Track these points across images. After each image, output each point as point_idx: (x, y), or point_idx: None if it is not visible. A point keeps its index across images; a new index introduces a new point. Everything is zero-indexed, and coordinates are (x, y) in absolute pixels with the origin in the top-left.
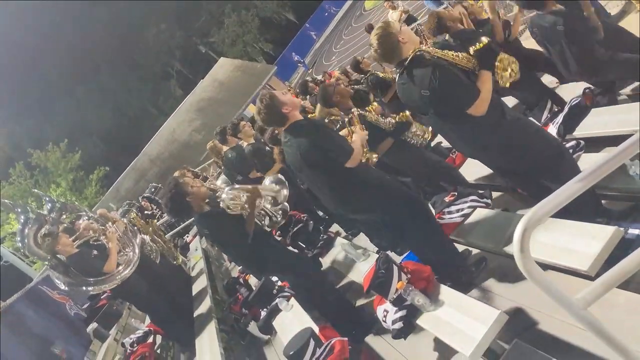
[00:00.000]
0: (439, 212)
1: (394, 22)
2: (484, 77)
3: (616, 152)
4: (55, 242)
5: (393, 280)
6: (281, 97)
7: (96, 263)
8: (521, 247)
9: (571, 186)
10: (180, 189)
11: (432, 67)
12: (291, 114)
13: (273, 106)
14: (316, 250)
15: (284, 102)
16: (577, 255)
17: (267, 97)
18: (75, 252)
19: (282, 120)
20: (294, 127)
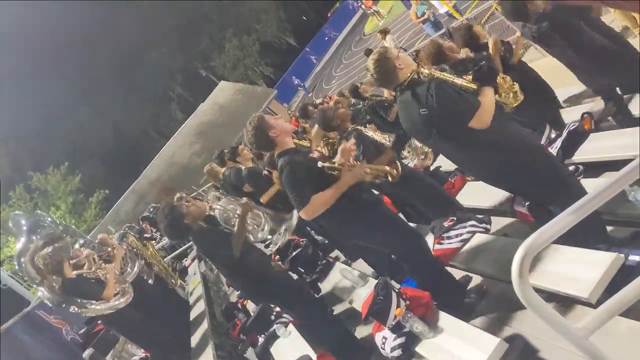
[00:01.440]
0: (438, 237)
1: (392, 48)
2: (486, 91)
3: (616, 178)
4: (61, 265)
5: (391, 306)
6: (270, 120)
7: (96, 287)
8: (520, 274)
9: (571, 213)
10: (176, 212)
11: (428, 83)
12: (279, 138)
13: (260, 129)
14: (315, 275)
15: (272, 126)
16: (578, 282)
17: (255, 120)
18: (73, 278)
19: (269, 144)
20: (280, 155)
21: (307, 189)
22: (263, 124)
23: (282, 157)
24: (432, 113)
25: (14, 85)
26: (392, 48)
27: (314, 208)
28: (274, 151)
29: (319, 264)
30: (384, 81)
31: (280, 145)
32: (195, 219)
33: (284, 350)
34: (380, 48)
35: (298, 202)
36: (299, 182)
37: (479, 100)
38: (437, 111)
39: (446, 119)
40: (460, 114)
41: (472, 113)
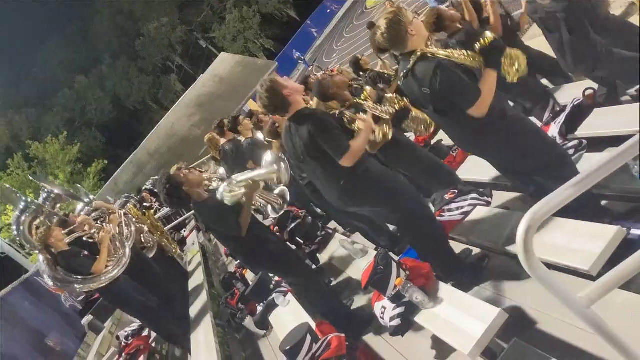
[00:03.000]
0: (439, 209)
1: (407, 11)
2: (488, 76)
3: (617, 153)
4: (48, 234)
5: (392, 276)
6: (281, 81)
7: (85, 262)
8: (524, 246)
9: (573, 185)
10: (174, 181)
11: (434, 65)
12: (293, 97)
13: (274, 90)
14: (314, 247)
15: (285, 86)
16: (579, 254)
17: (267, 82)
18: (65, 250)
19: (284, 104)
20: (297, 116)
21: (343, 137)
22: (276, 85)
23: (308, 114)
24: (434, 94)
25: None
26: (408, 12)
27: (354, 154)
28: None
29: (318, 235)
30: (392, 43)
31: (294, 104)
32: (193, 186)
33: (282, 319)
34: (396, 8)
35: (341, 150)
36: (335, 131)
37: (479, 89)
38: (438, 94)
39: (446, 103)
40: (461, 102)
41: (473, 102)
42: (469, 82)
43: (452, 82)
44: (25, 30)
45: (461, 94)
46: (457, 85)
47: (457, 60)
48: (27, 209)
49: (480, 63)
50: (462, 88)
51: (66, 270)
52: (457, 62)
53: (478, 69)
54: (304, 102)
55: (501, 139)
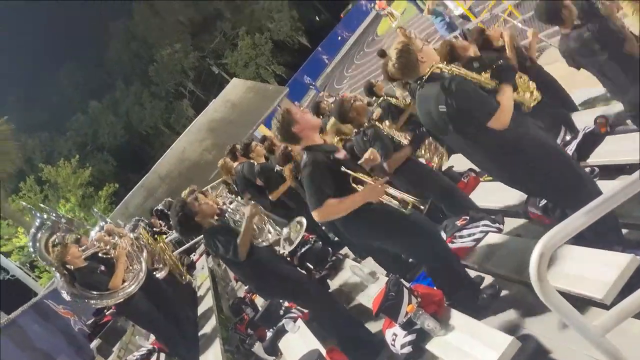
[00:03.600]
0: (450, 235)
1: (416, 39)
2: (504, 90)
3: (631, 181)
4: (65, 251)
5: (403, 303)
6: (295, 115)
7: (102, 278)
8: (538, 273)
9: (585, 213)
10: (188, 210)
11: (449, 80)
12: (304, 133)
13: (285, 122)
14: (324, 272)
15: (297, 121)
16: (592, 283)
17: (282, 113)
18: (82, 266)
19: (293, 138)
20: (306, 152)
21: (325, 191)
22: (288, 118)
23: (307, 154)
24: (451, 110)
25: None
26: (417, 39)
27: (327, 212)
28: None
29: (328, 260)
30: (405, 73)
31: (306, 139)
32: (206, 216)
33: (292, 345)
34: (405, 38)
35: (313, 202)
36: (317, 183)
37: (498, 100)
38: (456, 109)
39: (465, 117)
40: (479, 114)
41: (492, 114)
42: (486, 95)
43: (469, 95)
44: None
45: (479, 106)
46: (474, 97)
47: (471, 77)
48: (43, 225)
49: (494, 85)
50: (480, 100)
51: (83, 287)
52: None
53: (492, 88)
54: (315, 137)
55: (523, 156)
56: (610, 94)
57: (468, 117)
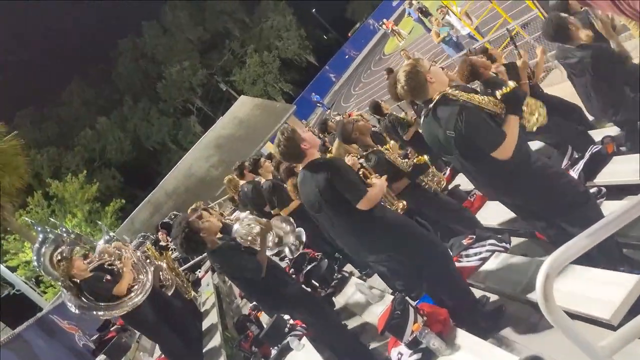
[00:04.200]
0: (457, 254)
1: (424, 60)
2: (511, 121)
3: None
4: (70, 265)
5: (409, 321)
6: (302, 132)
7: (108, 286)
8: (545, 293)
9: (591, 233)
10: (193, 227)
11: (459, 108)
12: (309, 151)
13: (293, 140)
14: (330, 290)
15: (304, 139)
16: (599, 303)
17: (288, 131)
18: (88, 277)
19: (299, 155)
20: (312, 164)
21: (361, 182)
22: (296, 136)
23: (324, 163)
24: (458, 137)
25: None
26: (425, 60)
27: (371, 199)
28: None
29: (334, 278)
30: (414, 94)
31: (309, 157)
32: (210, 234)
33: None
34: (413, 59)
35: (358, 194)
36: (354, 179)
37: (504, 132)
38: (463, 137)
39: (470, 145)
40: (485, 145)
41: (497, 145)
42: (493, 125)
43: (476, 125)
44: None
45: (486, 137)
46: (482, 128)
47: (479, 104)
48: (46, 240)
49: (501, 109)
50: (487, 131)
51: (90, 296)
52: (479, 106)
53: (499, 115)
54: (319, 154)
55: (525, 181)
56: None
57: (473, 145)
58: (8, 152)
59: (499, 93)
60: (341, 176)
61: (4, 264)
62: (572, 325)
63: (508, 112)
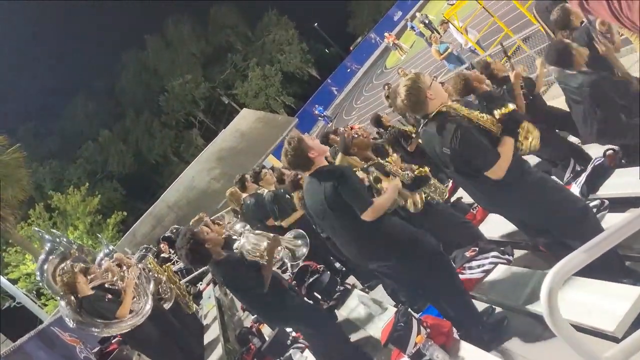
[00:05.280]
0: (460, 266)
1: (425, 76)
2: (506, 142)
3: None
4: (74, 278)
5: (412, 333)
6: (309, 141)
7: (109, 306)
8: (549, 305)
9: (594, 245)
10: (198, 238)
11: (455, 125)
12: (317, 159)
13: (300, 149)
14: (332, 302)
15: (311, 147)
16: (604, 315)
17: (295, 140)
18: (89, 294)
19: (307, 164)
20: (320, 172)
21: (367, 192)
22: (303, 144)
23: (332, 171)
24: (453, 155)
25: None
26: (426, 76)
27: (377, 210)
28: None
29: (336, 290)
30: (413, 108)
31: (317, 164)
32: (215, 245)
33: None
34: (414, 74)
35: (363, 204)
36: (359, 188)
37: (499, 152)
38: (458, 155)
39: (466, 163)
40: (479, 163)
41: (491, 165)
42: (487, 146)
43: (471, 145)
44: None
45: (479, 157)
46: (476, 147)
47: (478, 121)
48: (55, 250)
49: (498, 128)
50: (481, 151)
51: (91, 315)
52: (476, 124)
53: (495, 134)
54: (325, 162)
55: (522, 197)
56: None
57: (469, 164)
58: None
59: (497, 113)
60: (348, 185)
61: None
62: (577, 337)
63: (504, 134)
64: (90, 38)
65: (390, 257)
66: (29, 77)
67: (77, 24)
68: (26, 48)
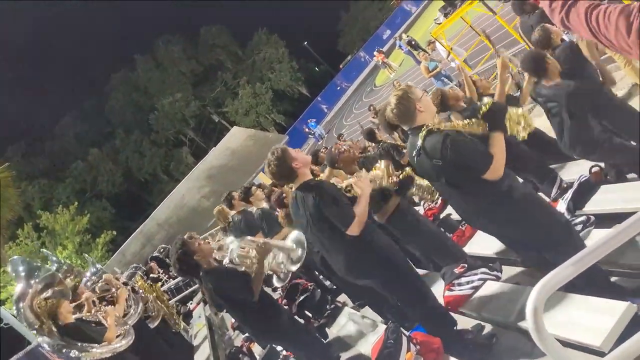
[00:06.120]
0: (449, 283)
1: (417, 88)
2: (496, 139)
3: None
4: (58, 305)
5: (402, 351)
6: (292, 152)
7: (93, 331)
8: (535, 322)
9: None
10: (188, 248)
11: (443, 137)
12: (301, 170)
13: (283, 159)
14: (323, 320)
15: (294, 157)
16: (590, 330)
17: (278, 150)
18: (72, 321)
19: (291, 175)
20: (304, 186)
21: (350, 207)
22: (286, 155)
23: (314, 186)
24: (446, 165)
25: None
26: (417, 89)
27: (361, 221)
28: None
29: (327, 308)
30: (402, 119)
31: (301, 177)
32: (205, 255)
33: None
34: (405, 85)
35: (346, 220)
36: (341, 201)
37: (491, 153)
38: (451, 163)
39: (460, 171)
40: (475, 167)
41: (487, 166)
42: (479, 148)
43: (463, 150)
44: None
45: (474, 161)
46: (469, 152)
47: (463, 129)
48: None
49: (484, 128)
50: (474, 155)
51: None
52: (463, 131)
53: (484, 135)
54: (311, 175)
55: (510, 213)
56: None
57: (464, 171)
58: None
59: (479, 112)
60: (329, 202)
61: None
62: (564, 353)
63: (491, 130)
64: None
65: (377, 274)
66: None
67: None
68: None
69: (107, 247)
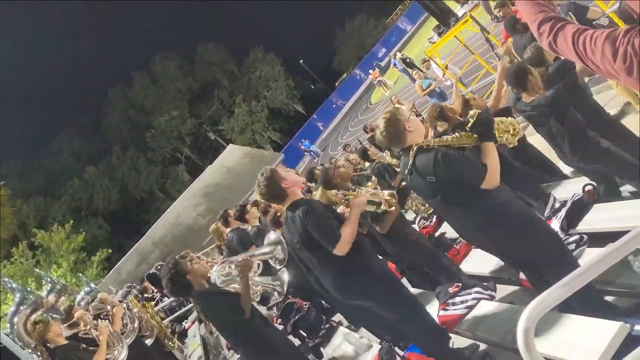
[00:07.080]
0: (443, 302)
1: (404, 109)
2: (488, 149)
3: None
4: (47, 329)
5: None
6: (282, 172)
7: (85, 355)
8: (526, 343)
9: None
10: (180, 268)
11: (434, 153)
12: (291, 190)
13: (272, 179)
14: (318, 340)
15: (284, 177)
16: (583, 350)
17: (267, 171)
18: (64, 344)
19: (280, 195)
20: (293, 205)
21: (336, 226)
22: (275, 175)
23: (302, 205)
24: (440, 181)
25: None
26: (405, 110)
27: (347, 241)
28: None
29: (322, 328)
30: (391, 141)
31: (291, 196)
32: (197, 277)
33: None
34: (393, 108)
35: (331, 239)
36: (327, 224)
37: (484, 163)
38: (445, 179)
39: (454, 186)
40: (470, 179)
41: (482, 177)
42: (472, 160)
43: (456, 165)
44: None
45: (468, 173)
46: (462, 166)
47: (452, 144)
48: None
49: (474, 140)
50: (468, 167)
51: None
52: (453, 146)
53: (474, 147)
54: (299, 192)
55: (507, 226)
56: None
57: (458, 186)
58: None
59: (469, 124)
60: (314, 221)
61: None
62: None
63: (482, 140)
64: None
65: (368, 295)
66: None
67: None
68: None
69: (102, 265)
